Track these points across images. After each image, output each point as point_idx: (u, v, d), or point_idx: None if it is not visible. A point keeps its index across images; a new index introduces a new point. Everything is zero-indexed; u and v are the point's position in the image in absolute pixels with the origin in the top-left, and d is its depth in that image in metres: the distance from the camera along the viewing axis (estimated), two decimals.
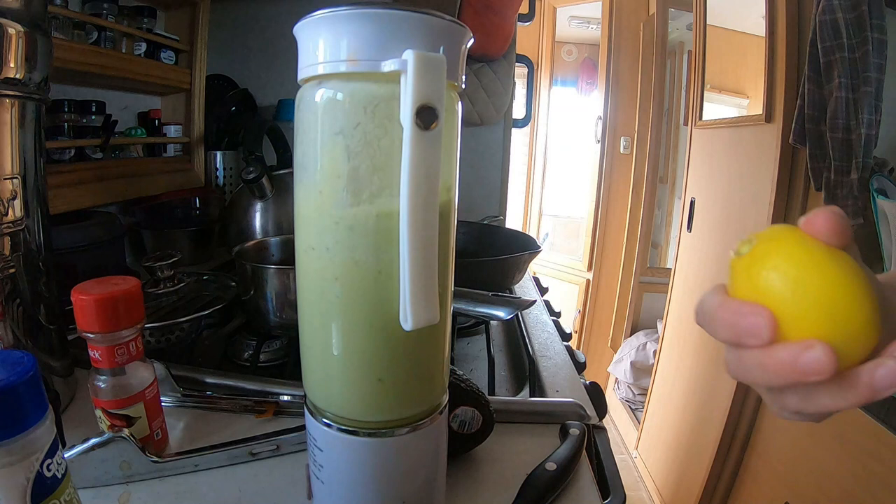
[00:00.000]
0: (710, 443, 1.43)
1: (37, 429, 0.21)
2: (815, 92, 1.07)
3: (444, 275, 0.28)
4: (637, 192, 2.33)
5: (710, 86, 1.64)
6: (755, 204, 1.32)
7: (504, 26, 1.18)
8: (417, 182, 0.22)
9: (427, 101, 0.22)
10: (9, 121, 0.39)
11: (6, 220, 0.38)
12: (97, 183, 0.74)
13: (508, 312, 0.55)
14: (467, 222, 0.95)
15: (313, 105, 0.25)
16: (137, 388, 0.37)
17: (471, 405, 0.39)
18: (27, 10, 0.39)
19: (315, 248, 0.26)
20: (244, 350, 0.60)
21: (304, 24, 0.25)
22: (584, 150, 2.62)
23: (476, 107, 1.24)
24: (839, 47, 1.00)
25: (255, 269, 0.57)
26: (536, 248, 0.78)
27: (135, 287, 0.37)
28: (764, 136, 1.30)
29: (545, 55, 2.67)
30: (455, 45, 0.26)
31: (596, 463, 0.45)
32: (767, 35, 1.27)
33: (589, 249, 2.53)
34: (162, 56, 0.88)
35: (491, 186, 1.34)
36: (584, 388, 0.55)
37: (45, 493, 0.22)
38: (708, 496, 1.45)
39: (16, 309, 0.40)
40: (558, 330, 0.72)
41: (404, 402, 0.28)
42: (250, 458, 0.40)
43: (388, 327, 0.26)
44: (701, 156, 1.69)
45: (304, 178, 0.27)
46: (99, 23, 0.73)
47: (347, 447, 0.28)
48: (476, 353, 0.65)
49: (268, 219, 0.82)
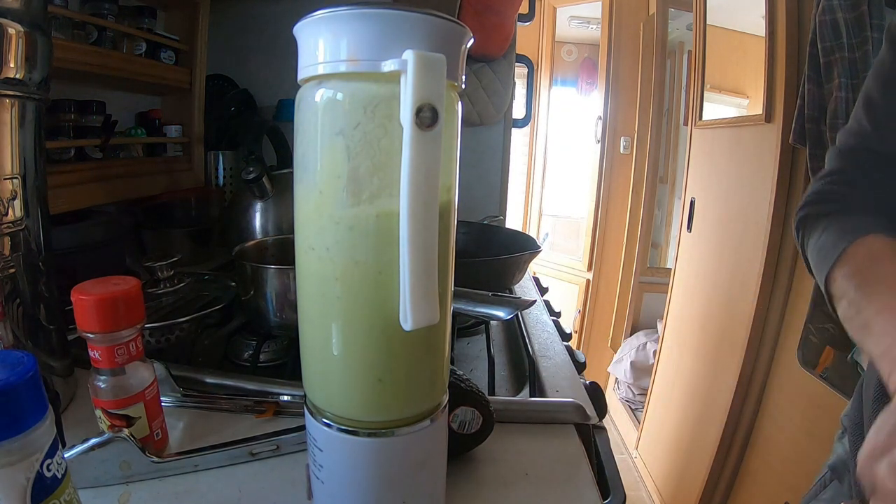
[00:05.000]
0: (710, 443, 1.43)
1: (37, 429, 0.21)
2: (815, 92, 1.07)
3: (444, 275, 0.28)
4: (637, 192, 2.33)
5: (710, 86, 1.64)
6: (755, 204, 1.32)
7: (504, 26, 1.18)
8: (417, 182, 0.22)
9: (427, 101, 0.22)
10: (9, 121, 0.39)
11: (6, 220, 0.38)
12: (97, 183, 0.74)
13: (508, 312, 0.55)
14: (467, 222, 0.95)
15: (313, 105, 0.25)
16: (137, 388, 0.37)
17: (471, 405, 0.39)
18: (27, 10, 0.39)
19: (315, 248, 0.26)
20: (244, 350, 0.60)
21: (304, 24, 0.25)
22: (584, 150, 2.62)
23: (476, 107, 1.24)
24: (839, 47, 1.00)
25: (255, 269, 0.57)
26: (536, 248, 0.78)
27: (135, 287, 0.37)
28: (764, 136, 1.30)
29: (545, 55, 2.67)
30: (455, 45, 0.26)
31: (596, 463, 0.45)
32: (767, 35, 1.27)
33: (589, 249, 2.53)
34: (162, 56, 0.88)
35: (491, 186, 1.34)
36: (584, 388, 0.54)
37: (45, 493, 0.22)
38: (708, 496, 1.45)
39: (16, 309, 0.40)
40: (558, 330, 0.71)
41: (404, 402, 0.28)
42: (250, 458, 0.40)
43: (388, 327, 0.26)
44: (701, 156, 1.69)
45: (304, 178, 0.27)
46: (99, 23, 0.73)
47: (347, 447, 0.28)
48: (476, 353, 0.65)
49: (268, 219, 0.82)
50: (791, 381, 1.21)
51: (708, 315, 1.55)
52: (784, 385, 1.24)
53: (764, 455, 1.30)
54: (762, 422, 1.32)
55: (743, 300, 1.34)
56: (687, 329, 1.69)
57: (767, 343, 1.29)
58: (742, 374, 1.34)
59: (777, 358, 1.28)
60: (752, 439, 1.35)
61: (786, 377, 1.24)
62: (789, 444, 1.19)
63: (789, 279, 1.23)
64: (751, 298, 1.30)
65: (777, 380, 1.27)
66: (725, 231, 1.49)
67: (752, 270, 1.31)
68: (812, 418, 1.12)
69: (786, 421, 1.22)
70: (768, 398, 1.30)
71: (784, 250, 1.25)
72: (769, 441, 1.29)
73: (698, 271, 1.65)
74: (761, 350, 1.31)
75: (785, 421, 1.22)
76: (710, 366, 1.51)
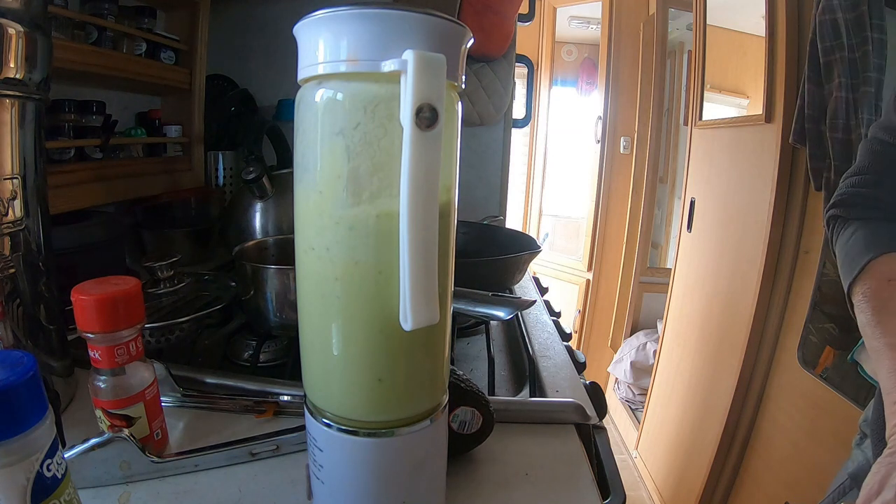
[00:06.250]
0: (710, 443, 1.43)
1: (37, 429, 0.21)
2: (815, 92, 1.07)
3: (444, 275, 0.28)
4: (637, 192, 2.33)
5: (710, 86, 1.64)
6: (755, 204, 1.32)
7: (504, 26, 1.18)
8: (417, 182, 0.22)
9: (427, 101, 0.22)
10: (9, 121, 0.39)
11: (6, 220, 0.38)
12: (97, 183, 0.74)
13: (508, 312, 0.55)
14: (467, 222, 0.95)
15: (313, 105, 0.25)
16: (137, 388, 0.37)
17: (471, 405, 0.39)
18: (27, 10, 0.39)
19: (315, 248, 0.26)
20: (244, 350, 0.60)
21: (304, 24, 0.25)
22: (584, 150, 2.62)
23: (476, 107, 1.24)
24: (839, 47, 1.00)
25: (255, 269, 0.57)
26: (536, 248, 0.78)
27: (135, 287, 0.37)
28: (764, 136, 1.30)
29: (545, 55, 2.67)
30: (455, 45, 0.26)
31: (596, 463, 0.45)
32: (767, 35, 1.27)
33: (589, 249, 2.53)
34: (162, 56, 0.88)
35: (491, 186, 1.34)
36: (584, 388, 0.54)
37: (45, 493, 0.22)
38: (708, 496, 1.45)
39: (16, 309, 0.40)
40: (558, 330, 0.71)
41: (404, 402, 0.28)
42: (250, 458, 0.40)
43: (388, 327, 0.26)
44: (701, 156, 1.69)
45: (304, 178, 0.27)
46: (99, 23, 0.73)
47: (347, 447, 0.28)
48: (476, 353, 0.65)
49: (268, 219, 0.82)
50: (791, 381, 1.21)
51: (708, 315, 1.56)
52: (784, 385, 1.24)
53: (764, 455, 1.30)
54: (762, 422, 1.32)
55: (743, 300, 1.34)
56: (687, 329, 1.69)
57: (767, 343, 1.29)
58: (742, 374, 1.34)
59: (777, 358, 1.28)
60: (752, 439, 1.35)
61: (786, 377, 1.24)
62: (789, 444, 1.19)
63: (789, 279, 1.23)
64: (751, 298, 1.30)
65: (777, 380, 1.27)
66: (725, 231, 1.49)
67: (752, 270, 1.31)
68: (812, 418, 1.12)
69: (786, 421, 1.22)
70: (768, 398, 1.30)
71: (784, 250, 1.25)
72: (769, 441, 1.29)
73: (698, 271, 1.65)
74: (761, 350, 1.31)
75: (785, 421, 1.22)
76: (710, 366, 1.51)
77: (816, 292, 1.11)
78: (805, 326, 1.14)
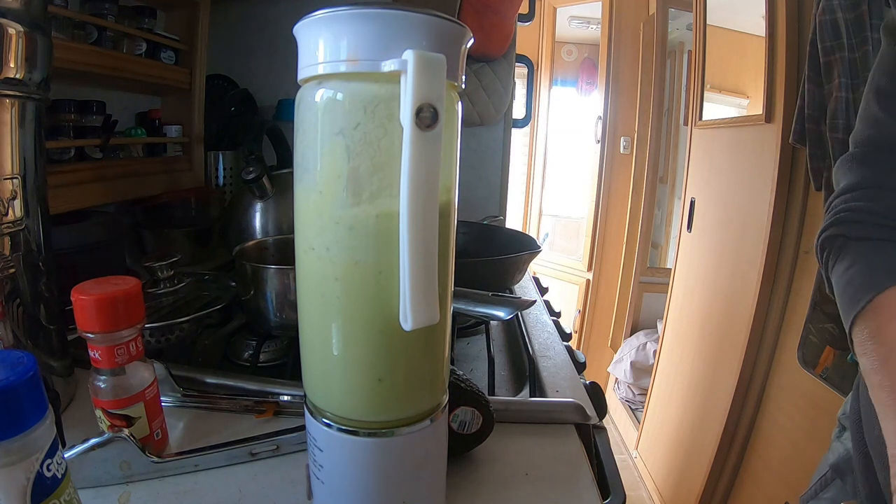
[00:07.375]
0: (710, 443, 1.43)
1: (37, 429, 0.21)
2: (815, 92, 1.07)
3: (444, 275, 0.28)
4: (637, 192, 2.33)
5: (710, 86, 1.64)
6: (755, 204, 1.32)
7: (504, 26, 1.18)
8: (417, 182, 0.22)
9: (427, 101, 0.22)
10: (9, 121, 0.39)
11: (6, 220, 0.38)
12: (97, 183, 0.74)
13: (508, 312, 0.55)
14: (467, 222, 0.95)
15: (313, 105, 0.25)
16: (137, 388, 0.37)
17: (471, 405, 0.39)
18: (27, 10, 0.39)
19: (315, 248, 0.26)
20: (244, 350, 0.60)
21: (304, 24, 0.25)
22: (584, 150, 2.62)
23: (476, 107, 1.24)
24: (839, 47, 1.00)
25: (255, 269, 0.57)
26: (536, 248, 0.78)
27: (135, 287, 0.36)
28: (764, 136, 1.30)
29: (545, 55, 2.67)
30: (455, 45, 0.26)
31: (596, 463, 0.45)
32: (767, 35, 1.27)
33: (589, 249, 2.53)
34: (162, 56, 0.88)
35: (491, 186, 1.34)
36: (584, 388, 0.54)
37: (45, 493, 0.22)
38: (708, 496, 1.45)
39: (16, 309, 0.40)
40: (558, 330, 0.71)
41: (404, 402, 0.28)
42: (250, 458, 0.40)
43: (388, 327, 0.26)
44: (701, 156, 1.69)
45: (304, 178, 0.27)
46: (99, 23, 0.73)
47: (347, 447, 0.28)
48: (476, 353, 0.65)
49: (268, 219, 0.82)
50: (791, 381, 1.21)
51: (708, 315, 1.56)
52: (784, 385, 1.24)
53: (764, 455, 1.30)
54: (762, 422, 1.32)
55: (743, 300, 1.34)
56: (687, 329, 1.69)
57: (767, 343, 1.29)
58: (742, 374, 1.34)
59: (777, 358, 1.28)
60: (752, 439, 1.35)
61: (786, 377, 1.24)
62: (789, 444, 1.19)
63: (789, 279, 1.23)
64: (751, 298, 1.30)
65: (777, 380, 1.27)
66: (725, 231, 1.49)
67: (752, 270, 1.31)
68: (812, 418, 1.12)
69: (786, 421, 1.22)
70: (768, 398, 1.30)
71: (784, 250, 1.25)
72: (769, 441, 1.29)
73: (698, 271, 1.65)
74: (761, 350, 1.31)
75: (785, 421, 1.22)
76: (710, 366, 1.51)
77: (816, 292, 1.11)
78: (805, 326, 1.14)
